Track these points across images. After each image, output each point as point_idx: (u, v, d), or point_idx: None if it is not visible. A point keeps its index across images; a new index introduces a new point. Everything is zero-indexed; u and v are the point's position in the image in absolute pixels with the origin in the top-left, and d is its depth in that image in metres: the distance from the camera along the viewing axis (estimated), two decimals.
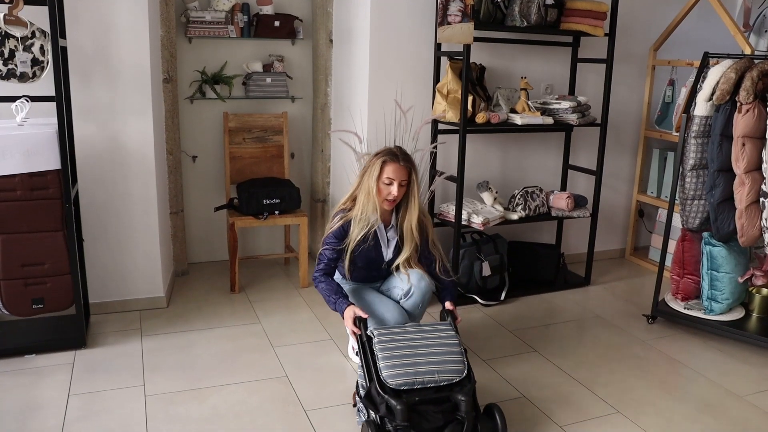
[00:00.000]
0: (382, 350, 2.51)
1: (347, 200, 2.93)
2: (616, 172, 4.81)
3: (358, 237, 2.83)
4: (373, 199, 2.81)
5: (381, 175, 2.79)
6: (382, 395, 2.41)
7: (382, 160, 2.80)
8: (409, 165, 2.81)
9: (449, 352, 2.55)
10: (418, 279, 2.90)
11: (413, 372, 2.45)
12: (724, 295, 3.55)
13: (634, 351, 3.42)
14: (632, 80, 4.67)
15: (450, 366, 2.50)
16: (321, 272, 2.89)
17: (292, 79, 4.47)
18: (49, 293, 3.09)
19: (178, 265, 4.23)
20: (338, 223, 2.86)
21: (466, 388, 2.46)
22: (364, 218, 2.82)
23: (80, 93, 3.34)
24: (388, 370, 2.45)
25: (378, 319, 2.83)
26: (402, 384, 2.42)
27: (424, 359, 2.50)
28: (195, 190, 4.43)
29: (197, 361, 3.17)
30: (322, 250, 2.90)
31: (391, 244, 2.95)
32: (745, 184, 3.27)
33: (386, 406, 2.39)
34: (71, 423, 2.61)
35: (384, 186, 2.80)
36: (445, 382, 2.46)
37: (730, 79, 3.25)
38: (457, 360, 2.53)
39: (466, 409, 2.41)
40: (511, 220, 4.00)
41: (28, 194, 2.95)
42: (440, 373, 2.46)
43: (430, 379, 2.44)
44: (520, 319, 3.78)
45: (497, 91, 4.06)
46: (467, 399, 2.42)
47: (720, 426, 2.74)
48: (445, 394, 2.45)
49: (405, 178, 2.80)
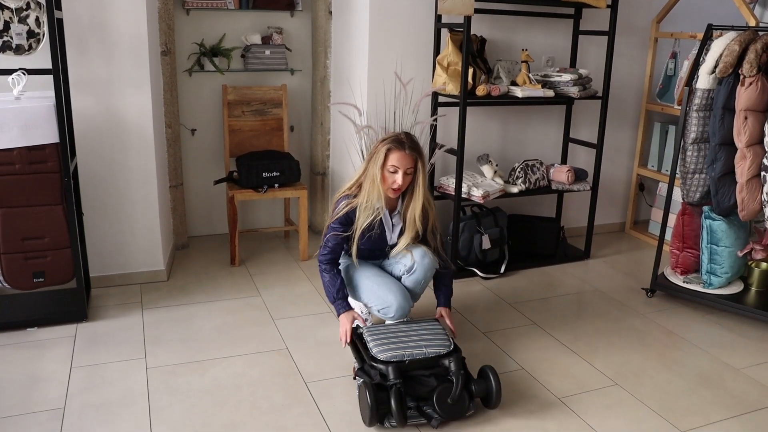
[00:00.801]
0: (371, 335, 2.67)
1: (352, 186, 2.87)
2: (617, 145, 4.79)
3: (364, 225, 2.81)
4: (377, 187, 2.76)
5: (386, 162, 2.74)
6: (375, 366, 2.53)
7: (387, 147, 2.74)
8: (415, 153, 2.75)
9: (435, 332, 2.70)
10: (422, 256, 2.89)
11: (402, 347, 2.58)
12: (724, 269, 3.56)
13: (632, 324, 3.44)
14: (634, 53, 4.63)
15: (437, 341, 2.63)
16: (326, 261, 2.87)
17: (291, 52, 4.43)
18: (49, 267, 3.10)
19: (178, 238, 4.24)
20: (344, 209, 2.82)
21: (454, 356, 2.58)
22: (370, 206, 2.79)
23: (77, 65, 3.32)
24: (378, 347, 2.58)
25: (380, 300, 2.83)
26: (391, 357, 2.54)
27: (411, 338, 2.64)
28: (194, 163, 4.42)
29: (198, 333, 3.18)
30: (328, 235, 2.86)
31: (395, 229, 2.93)
32: (747, 158, 3.25)
33: (380, 374, 2.51)
34: (74, 395, 2.64)
35: (389, 174, 2.75)
36: (434, 354, 2.58)
37: (733, 52, 3.22)
38: (443, 337, 2.67)
39: (455, 368, 2.51)
40: (511, 193, 3.99)
41: (27, 168, 2.94)
42: (428, 347, 2.59)
43: (419, 353, 2.56)
44: (520, 292, 3.80)
45: (498, 63, 4.03)
46: (456, 362, 2.54)
47: (717, 398, 2.77)
48: (435, 360, 2.58)
49: (411, 166, 2.75)
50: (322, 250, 2.88)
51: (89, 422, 2.46)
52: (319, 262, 2.90)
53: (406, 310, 2.83)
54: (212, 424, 2.48)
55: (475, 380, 2.54)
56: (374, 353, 2.57)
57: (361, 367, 2.62)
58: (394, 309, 2.79)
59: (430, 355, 2.57)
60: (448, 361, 2.56)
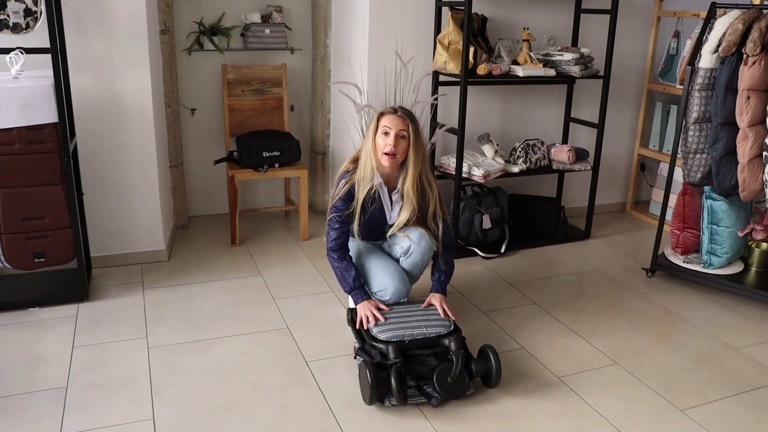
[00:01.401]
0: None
1: (350, 162, 2.86)
2: (618, 125, 4.77)
3: (362, 198, 2.79)
4: (370, 156, 2.74)
5: (378, 127, 2.73)
6: (376, 345, 2.56)
7: (379, 113, 2.76)
8: (407, 117, 2.73)
9: (434, 314, 2.72)
10: (419, 238, 2.86)
11: (402, 327, 2.60)
12: (724, 249, 3.56)
13: (632, 304, 3.45)
14: (636, 32, 4.59)
15: (437, 322, 2.66)
16: (336, 248, 2.82)
17: (291, 30, 4.40)
18: (50, 247, 3.10)
19: (178, 218, 4.24)
20: (344, 187, 2.79)
21: (454, 336, 2.60)
22: (366, 177, 2.76)
23: (75, 44, 3.29)
24: (378, 327, 2.61)
25: (378, 282, 2.83)
26: (392, 337, 2.56)
27: (412, 319, 2.67)
28: (194, 143, 4.41)
29: (199, 313, 3.20)
30: (332, 216, 2.82)
31: (395, 207, 2.91)
32: (749, 138, 3.24)
33: (380, 353, 2.54)
34: (76, 374, 2.65)
35: (382, 138, 2.73)
36: (434, 334, 2.60)
37: (737, 30, 3.20)
38: (444, 318, 2.70)
39: (455, 348, 2.53)
40: (512, 172, 3.99)
41: (27, 148, 2.93)
42: (428, 327, 2.61)
43: (419, 333, 2.59)
44: (520, 272, 3.81)
45: (499, 42, 4.00)
46: (456, 342, 2.56)
47: (716, 377, 2.78)
48: (435, 340, 2.60)
49: (403, 128, 2.71)
50: (329, 237, 2.83)
51: (91, 401, 2.48)
52: (329, 250, 2.84)
53: (403, 294, 2.82)
54: (213, 402, 2.50)
55: (475, 359, 2.56)
56: (374, 333, 2.58)
57: (361, 347, 2.63)
58: (391, 292, 2.79)
59: (431, 335, 2.58)
60: (448, 340, 2.57)
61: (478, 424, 2.42)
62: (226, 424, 2.37)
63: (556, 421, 2.45)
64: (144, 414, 2.42)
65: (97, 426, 2.35)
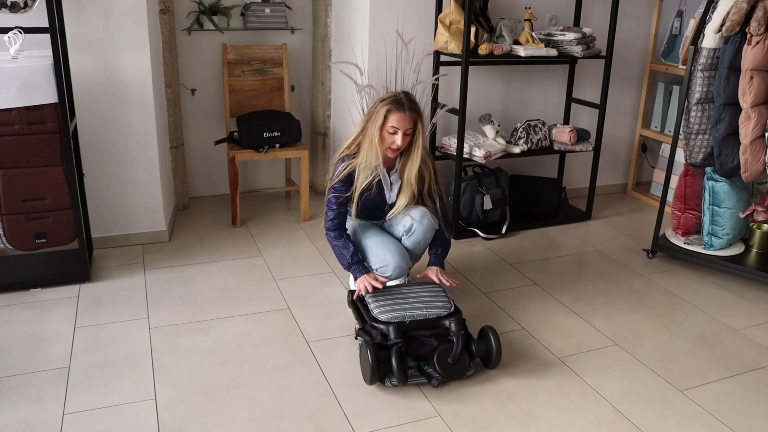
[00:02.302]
0: (372, 297, 2.68)
1: (351, 145, 2.85)
2: (620, 105, 4.75)
3: (363, 184, 2.80)
4: (375, 148, 2.74)
5: (385, 123, 2.72)
6: (377, 326, 2.56)
7: (387, 108, 2.71)
8: (415, 114, 2.72)
9: (435, 293, 2.71)
10: (421, 216, 2.87)
11: (402, 308, 2.59)
12: (725, 230, 3.56)
13: (633, 285, 3.45)
14: (639, 11, 4.55)
15: (437, 303, 2.65)
16: (333, 227, 2.85)
17: (292, 10, 4.37)
18: (51, 228, 3.10)
19: (179, 199, 4.24)
20: (345, 171, 2.80)
21: (454, 317, 2.60)
22: (369, 166, 2.78)
23: (75, 24, 3.27)
24: (379, 308, 2.60)
25: (379, 259, 2.84)
26: (392, 318, 2.55)
27: (412, 299, 2.66)
28: (194, 123, 4.39)
29: (200, 294, 3.20)
30: (330, 197, 2.84)
31: (394, 187, 2.92)
32: (751, 119, 3.23)
33: (381, 334, 2.53)
34: (78, 354, 2.66)
35: (388, 135, 2.73)
36: (434, 315, 2.59)
37: (741, 9, 3.17)
38: (444, 299, 2.68)
39: (456, 329, 2.54)
40: (513, 153, 3.98)
41: (26, 128, 2.92)
42: (428, 308, 2.61)
43: (419, 314, 2.58)
44: (521, 253, 3.81)
45: (501, 22, 3.97)
46: (457, 323, 2.56)
47: (715, 358, 2.79)
48: (435, 321, 2.59)
49: (410, 127, 2.73)
50: (327, 217, 2.86)
51: (94, 381, 2.50)
52: (326, 230, 2.87)
53: (404, 270, 2.84)
54: (215, 383, 2.51)
55: (476, 340, 2.57)
56: (375, 314, 2.58)
57: (362, 328, 2.64)
58: (392, 268, 2.80)
59: (431, 316, 2.58)
60: (448, 321, 2.58)
61: (479, 403, 2.43)
62: (227, 404, 2.39)
63: (557, 401, 2.47)
64: (146, 394, 2.43)
65: (99, 405, 2.36)
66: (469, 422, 2.34)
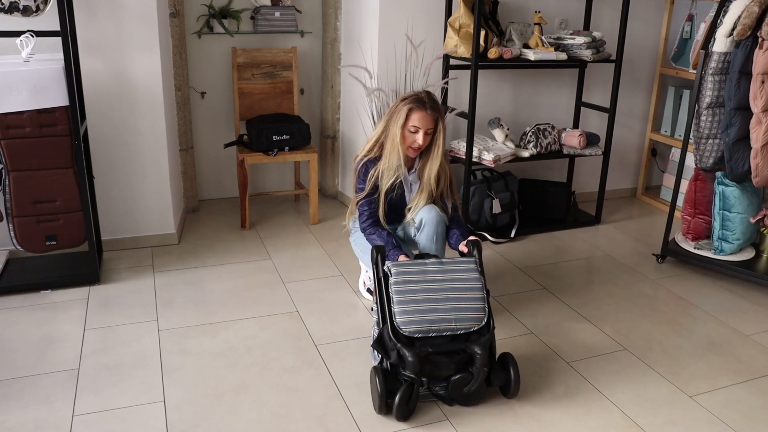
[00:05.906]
0: (398, 292, 2.40)
1: (373, 146, 2.85)
2: (630, 109, 4.73)
3: (386, 187, 2.81)
4: (397, 147, 2.75)
5: (407, 122, 2.72)
6: (395, 342, 2.33)
7: (409, 107, 2.71)
8: (436, 113, 2.73)
9: (470, 298, 2.43)
10: (428, 210, 2.84)
11: (429, 319, 2.36)
12: (735, 235, 3.54)
13: (642, 290, 3.44)
14: (649, 15, 4.54)
15: (469, 314, 2.40)
16: (370, 224, 2.86)
17: (301, 13, 4.38)
18: (61, 230, 3.12)
19: (188, 202, 4.25)
20: (372, 178, 2.82)
21: (483, 338, 2.37)
22: (391, 167, 2.78)
23: (86, 27, 3.29)
24: (403, 315, 2.35)
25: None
26: (416, 332, 2.34)
27: (442, 305, 2.39)
28: (204, 126, 4.41)
29: (209, 296, 3.21)
30: (361, 201, 2.86)
31: (413, 188, 2.92)
32: (762, 123, 3.21)
33: (398, 354, 2.32)
34: (88, 356, 2.68)
35: (409, 134, 2.74)
36: (462, 330, 2.38)
37: (752, 13, 3.15)
38: (478, 307, 2.42)
39: (480, 363, 2.32)
40: (523, 157, 3.97)
41: (38, 131, 2.94)
42: (458, 321, 2.37)
43: (447, 327, 2.36)
44: (530, 257, 3.80)
45: (510, 25, 3.97)
46: (482, 353, 2.31)
47: (725, 364, 2.78)
48: (461, 345, 2.36)
49: (431, 126, 2.73)
50: (361, 219, 2.87)
51: (103, 382, 2.50)
52: (363, 230, 2.88)
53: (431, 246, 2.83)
54: (223, 385, 2.51)
55: (495, 368, 2.44)
56: (398, 323, 2.35)
57: (380, 337, 2.40)
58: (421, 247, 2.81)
59: (459, 331, 2.37)
60: (475, 348, 2.33)
61: (487, 408, 2.42)
62: (235, 407, 2.39)
63: (565, 406, 2.46)
64: (155, 396, 2.44)
65: (108, 407, 2.37)
66: (478, 426, 2.33)
